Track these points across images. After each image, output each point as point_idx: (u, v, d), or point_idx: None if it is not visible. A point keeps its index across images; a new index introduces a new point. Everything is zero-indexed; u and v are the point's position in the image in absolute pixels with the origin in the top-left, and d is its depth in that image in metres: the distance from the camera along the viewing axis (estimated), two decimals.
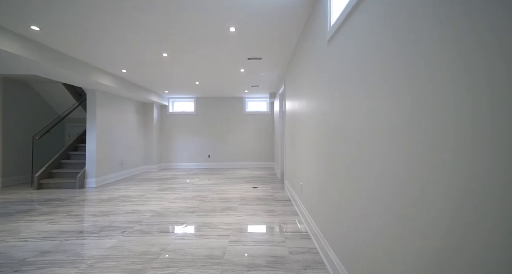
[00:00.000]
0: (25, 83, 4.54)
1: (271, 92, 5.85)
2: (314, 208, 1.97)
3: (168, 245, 1.88)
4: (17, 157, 4.37)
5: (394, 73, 0.82)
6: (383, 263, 0.88)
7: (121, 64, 3.45)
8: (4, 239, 2.00)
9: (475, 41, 0.52)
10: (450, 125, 0.59)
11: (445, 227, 0.59)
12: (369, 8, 1.00)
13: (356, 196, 1.13)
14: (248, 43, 2.76)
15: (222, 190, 3.74)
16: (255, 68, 3.77)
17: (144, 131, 5.89)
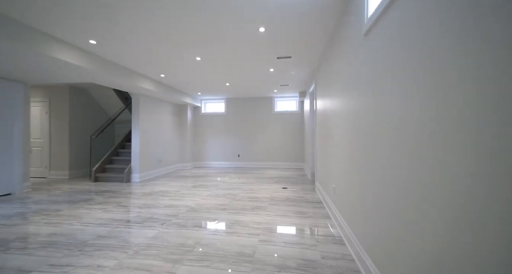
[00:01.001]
0: (85, 90, 5.28)
1: (301, 91, 5.71)
2: (348, 212, 1.85)
3: (202, 240, 1.97)
4: (79, 153, 5.11)
5: (440, 71, 0.72)
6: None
7: (160, 69, 3.76)
8: (71, 222, 2.35)
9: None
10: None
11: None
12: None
13: (397, 202, 1.02)
14: (277, 42, 2.73)
15: (251, 189, 3.79)
16: (284, 67, 3.72)
17: (179, 131, 6.31)
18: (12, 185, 3.51)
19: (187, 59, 3.28)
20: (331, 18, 2.20)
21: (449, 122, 0.72)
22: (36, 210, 2.75)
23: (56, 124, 4.90)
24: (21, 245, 1.88)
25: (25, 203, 3.07)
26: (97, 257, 1.68)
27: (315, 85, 3.80)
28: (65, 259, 1.66)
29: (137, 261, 1.64)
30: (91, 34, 2.44)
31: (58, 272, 1.51)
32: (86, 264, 1.59)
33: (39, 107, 4.93)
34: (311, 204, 2.96)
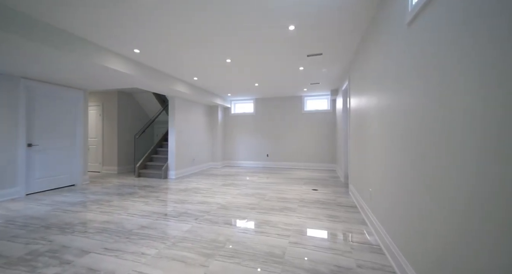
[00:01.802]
0: (130, 94, 5.90)
1: (332, 89, 5.46)
2: (388, 219, 1.69)
3: (232, 237, 2.03)
4: (125, 151, 5.74)
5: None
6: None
7: (193, 72, 3.98)
8: (119, 212, 2.65)
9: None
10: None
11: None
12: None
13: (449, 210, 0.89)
14: (308, 39, 2.65)
15: (280, 190, 3.76)
16: (315, 65, 3.59)
17: (211, 131, 6.60)
18: (75, 177, 4.12)
19: (217, 61, 3.41)
20: (366, 11, 2.05)
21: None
22: (93, 200, 3.17)
23: (107, 125, 5.58)
24: (82, 229, 2.19)
25: (85, 193, 3.57)
26: (141, 245, 1.86)
27: (349, 83, 3.58)
28: (116, 244, 1.88)
29: (174, 252, 1.76)
30: (135, 43, 2.72)
31: (111, 255, 1.71)
32: (132, 251, 1.78)
33: (94, 110, 5.68)
34: (344, 208, 2.80)
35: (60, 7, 1.96)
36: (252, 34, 2.51)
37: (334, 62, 3.50)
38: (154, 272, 1.50)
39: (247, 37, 2.59)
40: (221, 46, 2.81)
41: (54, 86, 3.78)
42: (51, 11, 2.01)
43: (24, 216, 2.53)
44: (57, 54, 2.41)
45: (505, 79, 0.66)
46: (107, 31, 2.40)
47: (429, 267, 1.08)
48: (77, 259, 1.66)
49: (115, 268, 1.55)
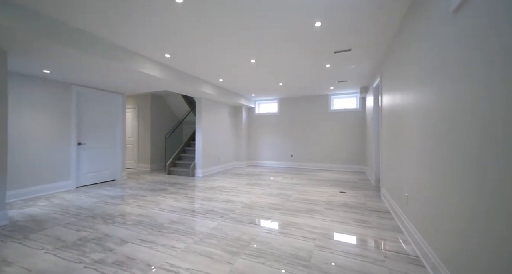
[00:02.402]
0: (161, 96, 6.32)
1: (362, 87, 5.15)
2: (428, 228, 1.54)
3: (257, 236, 2.04)
4: (157, 149, 6.17)
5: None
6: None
7: (219, 74, 4.11)
8: (152, 207, 2.86)
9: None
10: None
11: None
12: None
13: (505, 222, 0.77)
14: (335, 35, 2.54)
15: (305, 191, 3.67)
16: (343, 61, 3.43)
17: (235, 131, 6.73)
18: (115, 173, 4.56)
19: (242, 62, 3.46)
20: (401, 1, 1.89)
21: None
22: (130, 194, 3.47)
23: (142, 126, 6.05)
24: (121, 220, 2.41)
25: (123, 188, 3.92)
26: (171, 239, 1.98)
27: (381, 79, 3.34)
28: (150, 236, 2.03)
29: (201, 247, 1.84)
30: (166, 49, 2.90)
31: (146, 246, 1.85)
32: (163, 243, 1.90)
33: (131, 112, 6.21)
34: (375, 213, 2.62)
35: (105, 21, 2.18)
36: (276, 33, 2.50)
37: (364, 58, 3.30)
38: (184, 265, 1.58)
39: (271, 37, 2.58)
40: (245, 47, 2.85)
41: (98, 91, 4.23)
42: (97, 25, 2.25)
43: (75, 206, 2.87)
44: (103, 62, 2.69)
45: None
46: (142, 39, 2.60)
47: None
48: (118, 247, 1.83)
49: (149, 258, 1.67)
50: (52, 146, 3.53)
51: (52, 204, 2.97)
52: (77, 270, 1.53)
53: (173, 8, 2.00)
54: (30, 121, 3.27)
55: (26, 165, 3.23)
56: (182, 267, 1.56)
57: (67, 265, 1.59)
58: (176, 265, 1.58)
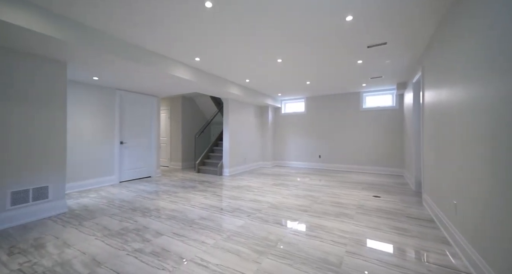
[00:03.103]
0: (191, 98, 6.67)
1: (399, 83, 4.73)
2: (485, 243, 1.34)
3: (284, 237, 2.01)
4: (188, 148, 6.52)
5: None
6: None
7: (245, 75, 4.17)
8: (184, 203, 3.03)
9: None
10: None
11: None
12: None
13: None
14: (369, 28, 2.37)
15: (334, 194, 3.50)
16: (376, 56, 3.19)
17: (261, 131, 6.76)
18: (151, 170, 4.95)
19: (268, 62, 3.45)
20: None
21: None
22: (164, 190, 3.73)
23: (174, 126, 6.46)
24: (156, 214, 2.60)
25: (158, 184, 4.23)
26: (201, 234, 2.07)
27: (422, 73, 3.02)
28: (182, 230, 2.15)
29: (229, 244, 1.88)
30: (196, 52, 3.04)
31: (179, 239, 1.97)
32: (194, 238, 1.99)
33: (164, 114, 6.68)
34: (415, 221, 2.38)
35: (143, 31, 2.38)
36: (303, 31, 2.43)
37: (402, 52, 3.02)
38: (213, 261, 1.64)
39: (298, 35, 2.52)
40: (272, 46, 2.84)
41: (137, 94, 4.64)
42: (138, 35, 2.47)
43: (119, 199, 3.20)
44: (142, 68, 2.95)
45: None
46: (175, 44, 2.77)
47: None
48: (154, 239, 1.98)
49: (182, 251, 1.77)
50: (99, 145, 3.98)
51: (100, 196, 3.35)
52: (120, 256, 1.70)
53: (203, 13, 2.09)
54: (81, 123, 3.74)
55: (79, 161, 3.70)
56: (211, 262, 1.61)
57: (113, 251, 1.77)
58: (206, 260, 1.65)
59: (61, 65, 2.63)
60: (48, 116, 2.53)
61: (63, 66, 2.65)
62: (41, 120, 2.47)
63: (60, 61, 2.62)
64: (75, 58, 2.58)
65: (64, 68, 2.66)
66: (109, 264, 1.59)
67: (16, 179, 2.29)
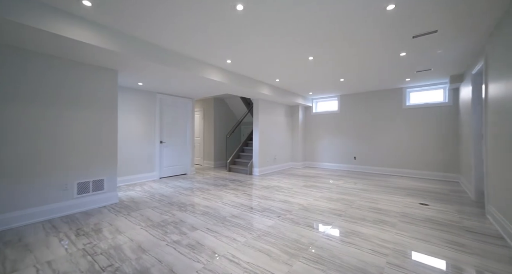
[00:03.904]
0: (222, 100, 6.91)
1: (453, 75, 4.13)
2: None
3: (316, 241, 1.93)
4: (219, 148, 6.78)
5: None
6: None
7: (275, 74, 4.14)
8: (216, 201, 3.15)
9: None
10: None
11: None
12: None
13: None
14: (414, 16, 2.12)
15: (372, 199, 3.23)
16: (424, 47, 2.83)
17: (291, 131, 6.63)
18: (186, 168, 5.29)
19: (299, 61, 3.36)
20: None
21: None
22: (198, 187, 3.94)
23: (207, 126, 6.79)
24: (191, 209, 2.76)
25: (192, 181, 4.50)
26: (233, 232, 2.11)
27: (485, 63, 2.58)
28: (214, 227, 2.24)
29: (260, 244, 1.88)
30: (228, 55, 3.13)
31: (212, 235, 2.05)
32: (226, 235, 2.05)
33: (198, 115, 7.06)
34: (476, 236, 2.04)
35: (180, 37, 2.55)
36: (336, 26, 2.30)
37: (457, 39, 2.62)
38: (244, 258, 1.66)
39: (331, 30, 2.39)
40: (302, 44, 2.75)
41: (174, 97, 5.00)
42: (175, 42, 2.67)
43: (159, 193, 3.49)
44: (179, 72, 3.17)
45: None
46: (208, 49, 2.90)
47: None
48: (190, 232, 2.10)
49: (215, 246, 1.84)
50: (142, 144, 4.41)
51: (144, 190, 3.71)
52: (161, 246, 1.84)
53: (235, 16, 2.14)
54: (127, 124, 4.19)
55: (126, 158, 4.16)
56: (242, 260, 1.64)
57: (155, 241, 1.93)
58: (237, 257, 1.67)
59: (113, 73, 2.99)
60: (103, 118, 2.89)
61: (115, 74, 3.01)
62: (97, 122, 2.85)
63: (113, 70, 2.98)
64: (125, 67, 2.91)
65: (115, 76, 3.02)
66: (152, 252, 1.75)
67: (80, 172, 2.68)
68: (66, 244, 1.87)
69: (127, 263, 1.60)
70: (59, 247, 1.82)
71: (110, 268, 1.55)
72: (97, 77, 2.84)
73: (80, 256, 1.69)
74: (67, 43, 2.18)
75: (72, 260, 1.64)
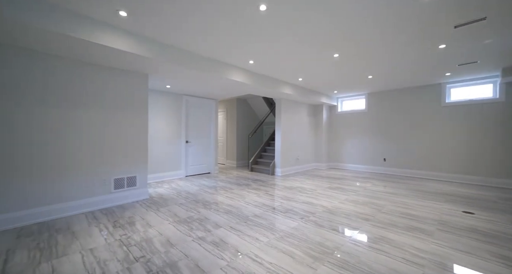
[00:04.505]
0: (245, 100, 7.00)
1: (506, 67, 3.64)
2: None
3: (342, 246, 1.85)
4: (242, 148, 6.88)
5: None
6: None
7: (298, 73, 4.06)
8: (239, 200, 3.20)
9: None
10: None
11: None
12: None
13: None
14: (457, 3, 1.90)
15: (405, 203, 2.99)
16: (468, 37, 2.53)
17: (315, 131, 6.45)
18: (210, 167, 5.46)
19: (323, 58, 3.25)
20: None
21: None
22: (221, 186, 4.05)
23: (229, 126, 6.94)
24: (215, 207, 2.84)
25: (216, 180, 4.63)
26: (255, 231, 2.13)
27: None
28: (237, 225, 2.27)
29: (282, 245, 1.86)
30: (250, 56, 3.16)
31: (235, 233, 2.09)
32: (249, 234, 2.07)
33: (221, 115, 7.25)
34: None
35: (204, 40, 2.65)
36: (364, 21, 2.17)
37: (511, 26, 2.29)
38: (267, 258, 1.66)
39: (358, 26, 2.26)
40: (328, 41, 2.65)
41: (198, 98, 5.20)
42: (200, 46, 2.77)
43: (185, 191, 3.66)
44: (204, 75, 3.29)
45: None
46: (231, 50, 2.95)
47: None
48: (214, 230, 2.17)
49: (238, 245, 1.87)
50: (170, 143, 4.67)
51: (171, 187, 3.92)
52: (187, 241, 1.93)
53: (258, 17, 2.14)
54: (156, 125, 4.47)
55: (155, 157, 4.43)
56: (265, 260, 1.64)
57: (182, 236, 2.03)
58: (260, 257, 1.68)
59: (144, 77, 3.22)
60: (135, 120, 3.13)
61: (145, 78, 3.23)
62: (130, 123, 3.08)
63: (143, 74, 3.21)
64: (155, 71, 3.11)
65: (146, 80, 3.24)
66: (179, 247, 1.84)
67: (117, 169, 2.93)
68: (105, 234, 2.07)
69: (157, 255, 1.71)
70: (99, 237, 2.01)
71: (142, 259, 1.66)
72: (131, 81, 3.08)
73: (117, 246, 1.85)
74: (104, 51, 2.40)
75: (110, 249, 1.80)
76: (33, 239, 1.96)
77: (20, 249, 1.80)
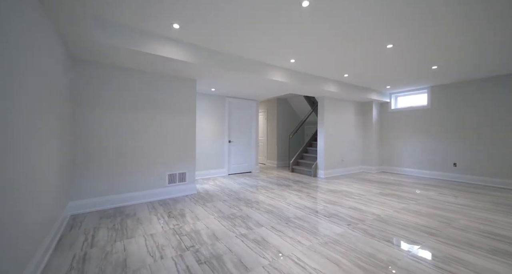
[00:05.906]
0: (285, 100, 6.91)
1: None
2: None
3: (398, 261, 1.62)
4: (282, 148, 6.82)
5: None
6: None
7: (343, 69, 3.77)
8: (279, 200, 3.18)
9: None
10: None
11: None
12: None
13: None
14: None
15: (485, 219, 2.44)
16: None
17: (363, 131, 5.89)
18: (251, 166, 5.59)
19: (374, 51, 2.92)
20: None
21: None
22: (262, 186, 4.09)
23: (270, 127, 6.96)
24: (257, 206, 2.88)
25: (257, 179, 4.70)
26: (297, 234, 2.06)
27: None
28: (279, 226, 2.25)
29: (327, 251, 1.75)
30: (291, 54, 3.09)
31: (276, 233, 2.07)
32: (290, 236, 2.02)
33: (262, 116, 7.34)
34: None
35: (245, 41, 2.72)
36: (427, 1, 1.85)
37: None
38: (310, 263, 1.58)
39: (420, 8, 1.95)
40: (379, 31, 2.38)
41: (240, 100, 5.38)
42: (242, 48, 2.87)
43: (228, 189, 3.84)
44: (246, 77, 3.39)
45: None
46: (273, 50, 2.95)
47: None
48: (255, 228, 2.20)
49: (279, 245, 1.85)
50: (214, 143, 4.97)
51: (215, 184, 4.17)
52: (231, 237, 2.01)
53: (300, 13, 2.08)
54: (202, 125, 4.82)
55: (202, 155, 4.79)
56: (308, 265, 1.57)
57: (225, 231, 2.13)
58: (303, 261, 1.62)
59: (192, 82, 3.52)
60: (185, 121, 3.44)
61: (194, 83, 3.53)
62: (180, 124, 3.41)
63: (192, 79, 3.51)
64: (202, 76, 3.36)
65: (194, 84, 3.53)
66: (224, 241, 1.93)
67: (170, 165, 3.29)
68: (162, 222, 2.33)
69: (205, 247, 1.83)
70: (157, 224, 2.28)
71: (192, 248, 1.81)
72: (182, 86, 3.41)
73: (171, 234, 2.07)
74: (163, 61, 2.72)
75: (166, 236, 2.02)
76: (110, 220, 2.37)
77: (102, 228, 2.19)
